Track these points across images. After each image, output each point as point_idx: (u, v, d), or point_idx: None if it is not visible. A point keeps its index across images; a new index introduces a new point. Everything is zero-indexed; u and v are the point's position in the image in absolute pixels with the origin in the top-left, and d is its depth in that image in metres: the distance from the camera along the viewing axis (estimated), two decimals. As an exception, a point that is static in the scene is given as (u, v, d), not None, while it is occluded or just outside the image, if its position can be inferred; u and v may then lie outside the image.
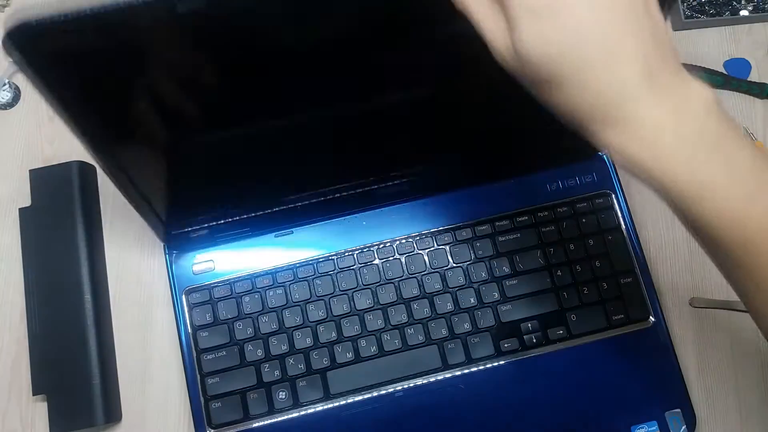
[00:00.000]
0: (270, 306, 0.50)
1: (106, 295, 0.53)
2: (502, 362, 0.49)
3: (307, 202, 0.49)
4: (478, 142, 0.50)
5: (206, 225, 0.49)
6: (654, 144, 0.28)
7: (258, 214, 0.49)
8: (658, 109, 0.28)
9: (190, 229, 0.49)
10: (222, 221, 0.49)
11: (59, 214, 0.52)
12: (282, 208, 0.49)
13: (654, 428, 0.48)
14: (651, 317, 0.50)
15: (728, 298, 0.51)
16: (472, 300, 0.50)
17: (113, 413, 0.49)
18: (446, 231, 0.52)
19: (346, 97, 0.41)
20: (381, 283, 0.50)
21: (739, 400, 0.50)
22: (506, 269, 0.50)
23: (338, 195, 0.49)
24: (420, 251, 0.51)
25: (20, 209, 0.53)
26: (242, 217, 0.49)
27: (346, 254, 0.51)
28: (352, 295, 0.50)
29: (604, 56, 0.28)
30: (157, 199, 0.45)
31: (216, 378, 0.48)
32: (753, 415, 0.49)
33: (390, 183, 0.50)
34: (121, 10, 0.26)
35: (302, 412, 0.48)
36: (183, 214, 0.48)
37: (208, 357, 0.49)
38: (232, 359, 0.49)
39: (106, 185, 0.55)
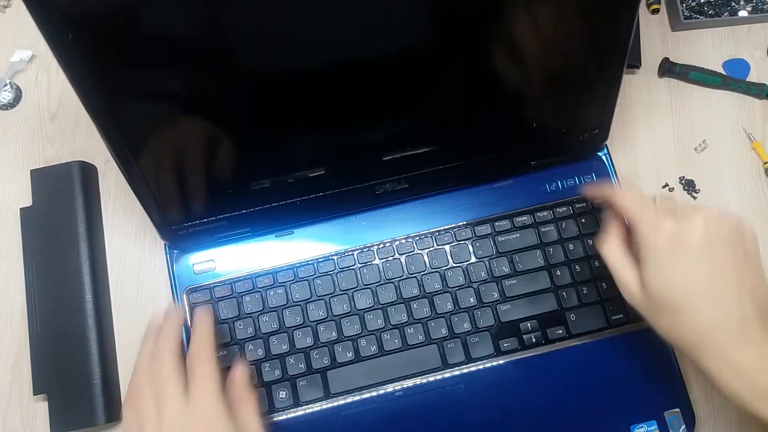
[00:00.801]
0: (270, 306, 0.50)
1: (107, 294, 0.53)
2: (501, 362, 0.49)
3: (308, 201, 0.49)
4: (479, 140, 0.50)
5: (207, 224, 0.49)
6: (749, 385, 0.35)
7: (259, 213, 0.49)
8: (748, 352, 0.35)
9: (191, 228, 0.49)
10: (223, 221, 0.49)
11: (60, 214, 0.52)
12: (283, 207, 0.49)
13: (653, 428, 0.48)
14: (650, 317, 0.50)
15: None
16: (472, 300, 0.50)
17: (114, 412, 0.49)
18: (446, 231, 0.52)
19: (350, 87, 0.41)
20: (381, 282, 0.50)
21: (738, 399, 0.50)
22: (506, 269, 0.51)
23: (339, 194, 0.49)
24: (420, 251, 0.51)
25: (21, 209, 0.53)
26: (243, 216, 0.49)
27: (347, 254, 0.51)
28: (353, 295, 0.50)
29: (706, 298, 0.36)
30: (162, 197, 0.45)
31: (216, 377, 0.49)
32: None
33: (390, 183, 0.50)
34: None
35: (302, 411, 0.48)
36: (186, 213, 0.48)
37: (209, 356, 0.49)
38: (233, 359, 0.49)
39: (106, 185, 0.56)
